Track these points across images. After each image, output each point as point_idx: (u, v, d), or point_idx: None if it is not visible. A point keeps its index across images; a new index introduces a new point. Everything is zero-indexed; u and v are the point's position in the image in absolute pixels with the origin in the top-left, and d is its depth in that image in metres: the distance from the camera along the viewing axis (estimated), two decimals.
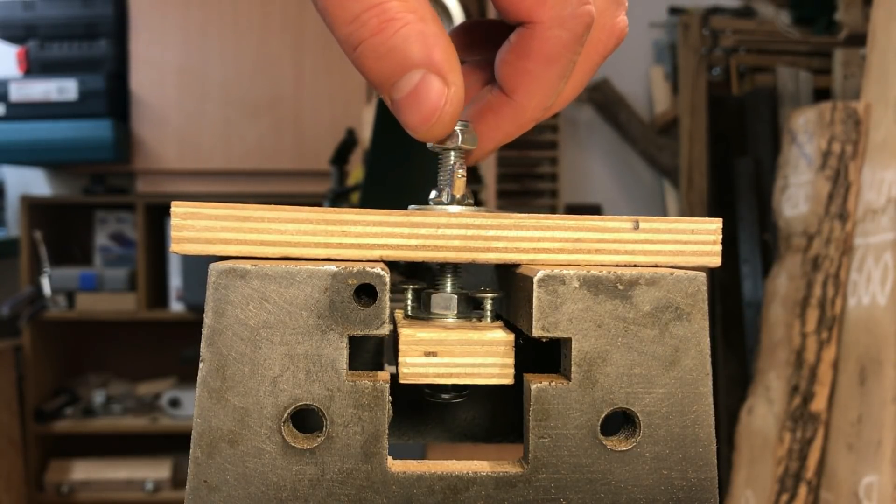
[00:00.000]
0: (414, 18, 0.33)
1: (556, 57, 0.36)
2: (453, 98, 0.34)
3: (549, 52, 0.35)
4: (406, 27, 0.33)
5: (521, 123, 0.38)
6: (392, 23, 0.33)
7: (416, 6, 0.33)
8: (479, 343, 0.32)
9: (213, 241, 0.31)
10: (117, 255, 2.90)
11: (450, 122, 0.34)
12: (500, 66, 0.37)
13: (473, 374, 0.32)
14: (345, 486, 0.31)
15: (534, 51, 0.36)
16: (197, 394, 0.31)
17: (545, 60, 0.36)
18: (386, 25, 0.33)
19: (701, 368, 0.32)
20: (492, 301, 0.36)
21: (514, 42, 0.36)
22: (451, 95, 0.34)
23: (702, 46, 2.63)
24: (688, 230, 0.33)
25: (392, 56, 0.33)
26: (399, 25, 0.33)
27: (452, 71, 0.34)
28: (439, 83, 0.33)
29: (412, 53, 0.33)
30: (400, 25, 0.33)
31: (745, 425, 1.87)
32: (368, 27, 0.33)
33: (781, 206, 1.90)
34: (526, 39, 0.36)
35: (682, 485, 0.32)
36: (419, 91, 0.33)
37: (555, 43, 0.35)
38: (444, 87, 0.33)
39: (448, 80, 0.34)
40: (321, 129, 2.68)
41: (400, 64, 0.33)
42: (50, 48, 2.64)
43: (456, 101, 0.34)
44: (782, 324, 1.80)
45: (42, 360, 2.77)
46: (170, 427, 2.71)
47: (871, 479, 1.50)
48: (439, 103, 0.34)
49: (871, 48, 1.74)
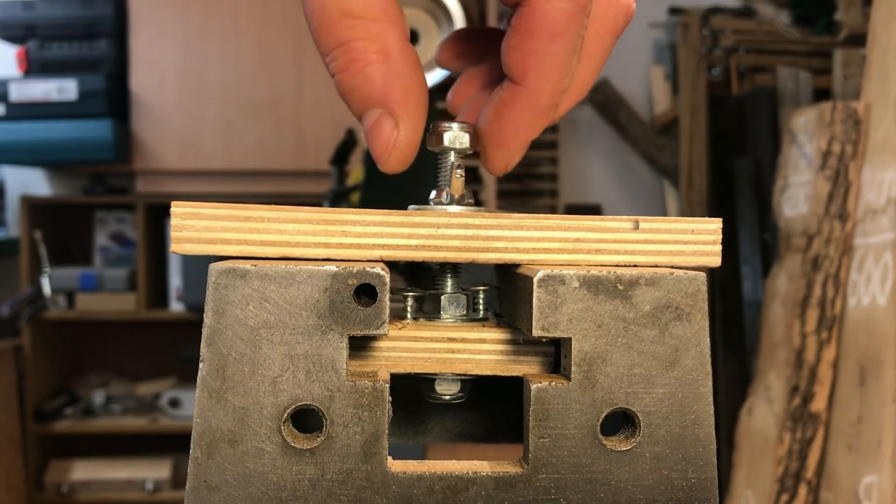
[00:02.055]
0: (377, 58, 0.35)
1: (561, 30, 0.34)
2: (401, 139, 0.36)
3: (553, 27, 0.34)
4: (368, 67, 0.35)
5: (539, 110, 0.37)
6: (354, 63, 0.35)
7: (383, 45, 0.35)
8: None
9: (213, 241, 0.31)
10: (117, 255, 2.90)
11: (401, 158, 0.36)
12: (505, 54, 0.36)
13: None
14: (345, 486, 0.31)
15: (536, 28, 0.35)
16: (197, 394, 0.31)
17: (550, 36, 0.35)
18: (349, 65, 0.35)
19: (701, 368, 0.32)
20: (484, 294, 0.37)
21: (515, 24, 0.35)
22: (399, 136, 0.36)
23: (702, 46, 2.63)
24: (688, 230, 0.33)
25: (355, 93, 0.36)
26: (361, 65, 0.35)
27: (405, 111, 0.35)
28: (390, 124, 0.36)
29: (371, 93, 0.35)
30: (362, 65, 0.35)
31: (745, 425, 1.87)
32: (337, 63, 0.36)
33: (781, 206, 1.90)
34: (527, 18, 0.35)
35: (682, 485, 0.32)
36: (374, 129, 0.36)
37: (558, 16, 0.34)
38: (394, 128, 0.36)
39: (399, 121, 0.36)
40: (321, 129, 2.68)
41: (362, 101, 0.36)
42: (50, 48, 2.64)
43: (404, 142, 0.36)
44: (782, 324, 1.80)
45: (42, 360, 2.77)
46: (170, 427, 2.71)
47: (871, 479, 1.50)
48: (389, 143, 0.36)
49: (871, 48, 1.74)
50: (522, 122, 0.37)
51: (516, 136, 0.38)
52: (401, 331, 0.34)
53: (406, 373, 0.35)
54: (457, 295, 0.36)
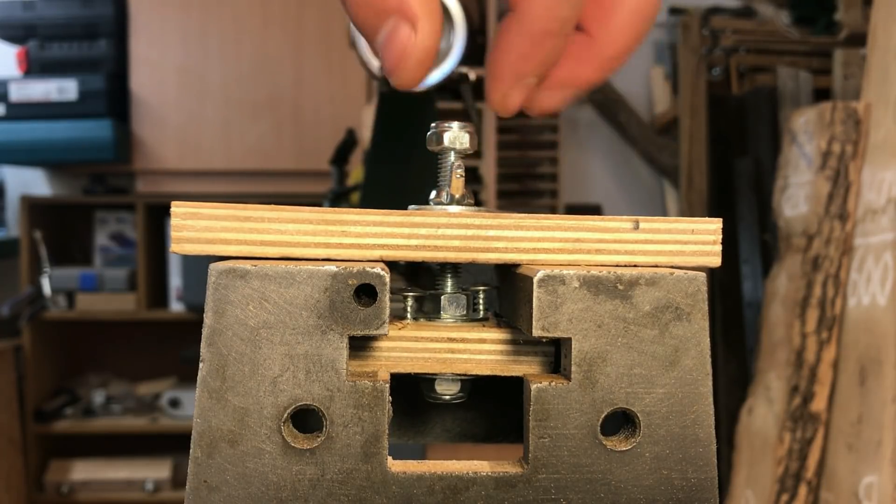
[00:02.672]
0: None
1: None
2: (419, 42, 0.34)
3: None
4: None
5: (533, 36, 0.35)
6: None
7: None
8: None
9: (213, 241, 0.31)
10: (117, 255, 2.90)
11: (416, 65, 0.35)
12: None
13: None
14: (345, 486, 0.31)
15: None
16: (197, 394, 0.31)
17: None
18: None
19: (701, 368, 0.32)
20: (484, 294, 0.37)
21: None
22: (418, 40, 0.34)
23: (702, 46, 2.63)
24: (688, 230, 0.34)
25: (370, 5, 0.34)
26: None
27: (424, 16, 0.34)
28: (407, 28, 0.34)
29: (387, 3, 0.34)
30: None
31: (745, 425, 1.87)
32: None
33: (781, 206, 1.90)
34: None
35: (682, 485, 0.32)
36: (390, 37, 0.34)
37: None
38: (411, 31, 0.34)
39: (417, 26, 0.34)
40: (321, 129, 2.68)
41: (377, 12, 0.34)
42: (50, 48, 2.64)
43: (422, 46, 0.34)
44: (782, 324, 1.80)
45: (42, 360, 2.77)
46: (170, 427, 2.71)
47: (871, 479, 1.50)
48: (406, 48, 0.34)
49: (871, 48, 1.73)
50: (515, 49, 0.36)
51: (509, 66, 0.36)
52: (401, 331, 0.34)
53: (406, 373, 0.35)
54: (457, 295, 0.36)
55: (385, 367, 0.34)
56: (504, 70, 0.37)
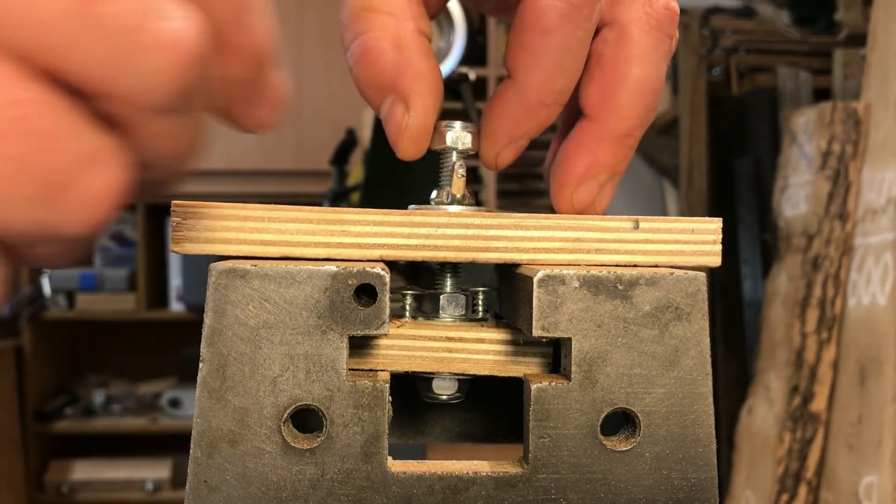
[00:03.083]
0: (388, 46, 0.36)
1: (553, 28, 0.35)
2: (412, 122, 0.36)
3: (545, 24, 0.35)
4: (380, 56, 0.36)
5: (528, 105, 0.37)
6: (368, 53, 0.36)
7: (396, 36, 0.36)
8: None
9: (213, 240, 0.31)
10: (117, 255, 2.90)
11: (413, 141, 0.37)
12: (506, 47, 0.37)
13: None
14: (345, 486, 0.31)
15: (529, 24, 0.35)
16: (197, 394, 0.31)
17: (542, 32, 0.35)
18: (363, 55, 0.36)
19: (701, 368, 0.32)
20: (483, 295, 0.37)
21: (515, 19, 0.36)
22: (410, 119, 0.36)
23: (702, 46, 2.63)
24: (688, 230, 0.34)
25: (370, 83, 0.37)
26: (374, 55, 0.36)
27: (416, 96, 0.36)
28: (401, 109, 0.36)
29: (384, 80, 0.36)
30: (375, 55, 0.36)
31: (745, 425, 1.87)
32: (354, 56, 0.37)
33: (781, 206, 1.90)
34: (522, 14, 0.35)
35: (682, 485, 0.32)
36: (388, 114, 0.37)
37: (550, 14, 0.35)
38: (405, 111, 0.36)
39: (409, 104, 0.36)
40: (321, 129, 2.68)
41: (376, 91, 0.37)
42: None
43: (415, 124, 0.37)
44: (782, 324, 1.80)
45: (42, 360, 2.77)
46: (170, 427, 2.71)
47: (871, 479, 1.50)
48: (401, 126, 0.37)
49: (871, 48, 1.73)
50: (510, 114, 0.37)
51: (503, 128, 0.38)
52: (399, 329, 0.34)
53: (403, 371, 0.35)
54: (456, 295, 0.36)
55: (383, 365, 0.34)
56: (498, 132, 0.38)
